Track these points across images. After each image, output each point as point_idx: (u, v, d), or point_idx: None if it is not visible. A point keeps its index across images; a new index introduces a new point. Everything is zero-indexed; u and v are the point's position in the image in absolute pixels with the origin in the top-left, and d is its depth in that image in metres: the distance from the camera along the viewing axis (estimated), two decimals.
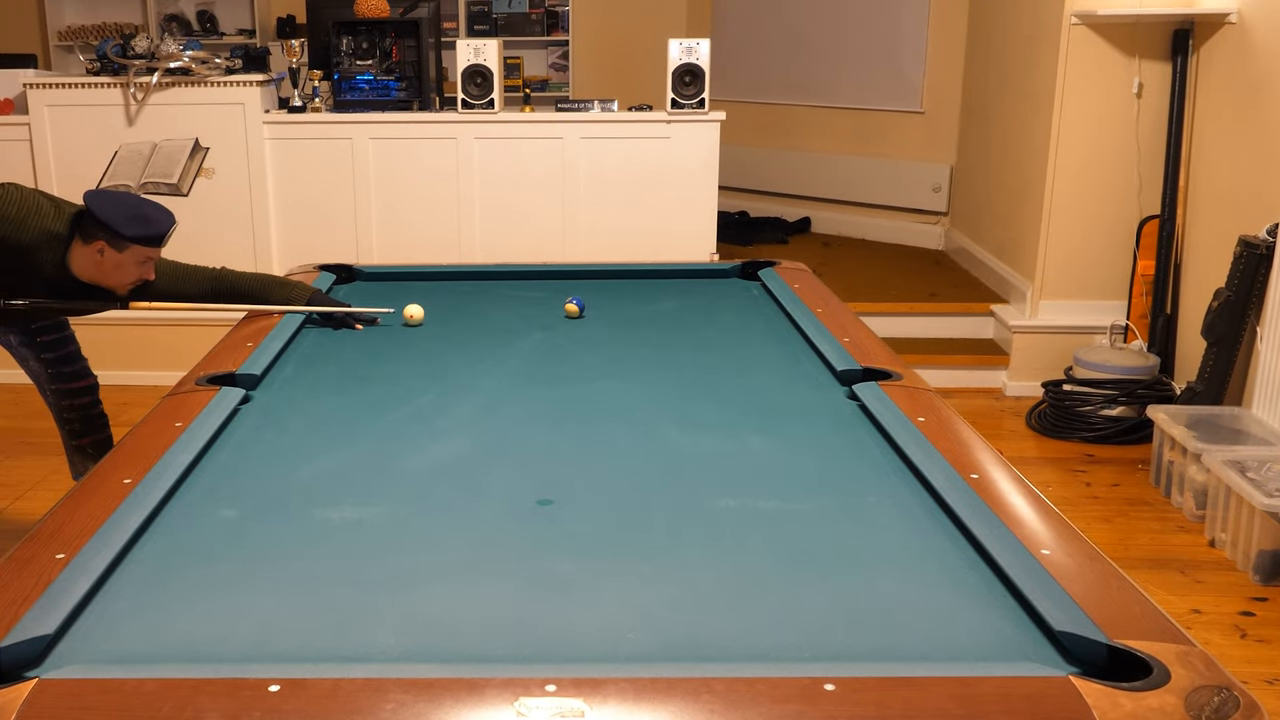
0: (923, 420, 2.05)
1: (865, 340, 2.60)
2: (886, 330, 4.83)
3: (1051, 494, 3.77)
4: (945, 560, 1.59)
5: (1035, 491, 1.78)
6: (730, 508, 1.78)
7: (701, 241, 4.79)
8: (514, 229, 4.83)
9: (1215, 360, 3.94)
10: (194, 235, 4.83)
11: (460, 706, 1.21)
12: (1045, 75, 4.74)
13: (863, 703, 1.22)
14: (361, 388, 2.40)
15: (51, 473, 3.98)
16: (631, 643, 1.38)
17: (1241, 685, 1.24)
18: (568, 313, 2.89)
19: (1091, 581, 1.47)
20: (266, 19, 7.31)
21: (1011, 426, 4.51)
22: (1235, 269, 3.85)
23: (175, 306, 2.90)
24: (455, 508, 1.79)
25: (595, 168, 4.79)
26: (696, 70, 4.65)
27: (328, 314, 2.84)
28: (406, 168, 4.81)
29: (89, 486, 1.80)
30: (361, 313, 2.85)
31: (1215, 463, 3.34)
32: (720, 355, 2.62)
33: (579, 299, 2.91)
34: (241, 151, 4.79)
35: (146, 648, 1.38)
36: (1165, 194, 4.51)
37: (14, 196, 2.69)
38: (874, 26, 6.63)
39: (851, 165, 6.79)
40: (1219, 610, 3.08)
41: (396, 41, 4.78)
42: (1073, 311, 4.81)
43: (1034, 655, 1.33)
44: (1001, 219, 5.43)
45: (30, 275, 2.74)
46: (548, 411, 2.24)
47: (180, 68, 4.71)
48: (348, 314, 2.83)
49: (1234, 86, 4.17)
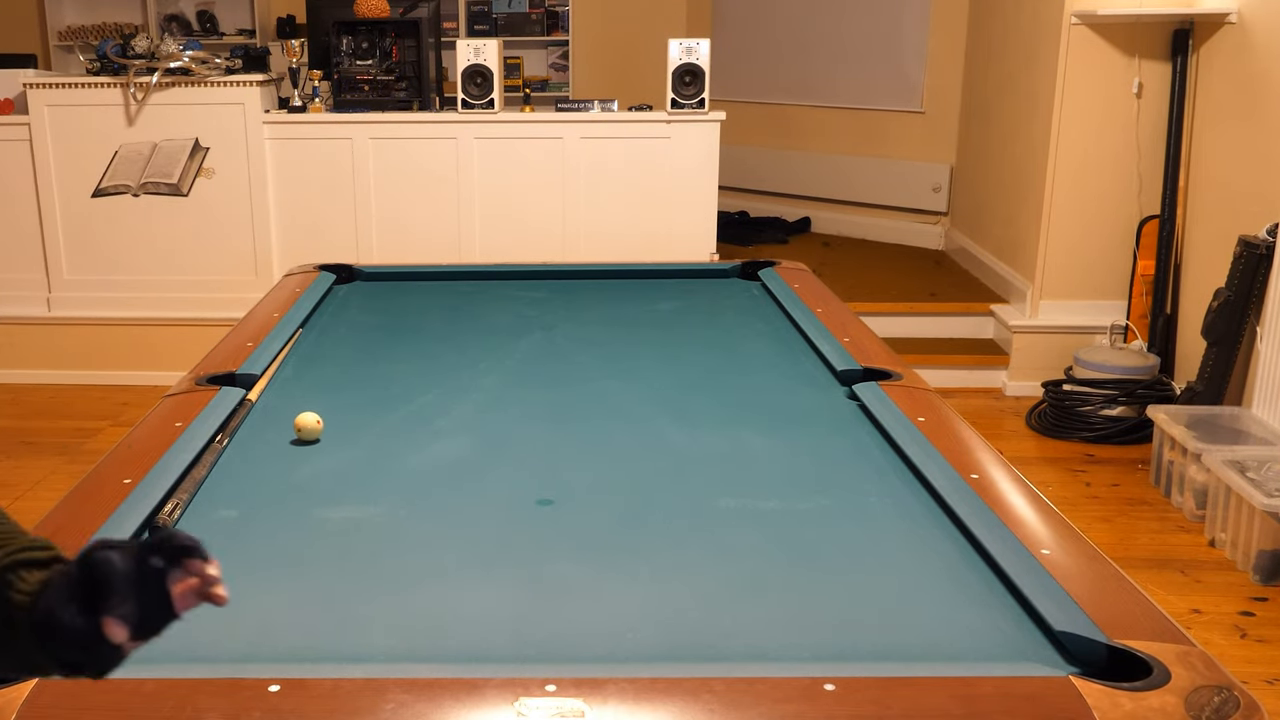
0: (923, 420, 2.05)
1: (865, 340, 2.60)
2: (886, 330, 4.82)
3: (1051, 494, 3.77)
4: (945, 560, 1.59)
5: (1035, 491, 1.78)
6: (730, 508, 1.78)
7: (701, 241, 4.79)
8: (514, 229, 4.83)
9: (1215, 360, 3.94)
10: (194, 235, 4.84)
11: (460, 706, 1.21)
12: (1045, 75, 4.74)
13: (863, 703, 1.22)
14: (361, 388, 2.40)
15: (51, 473, 3.98)
16: (631, 643, 1.38)
17: (1241, 685, 1.24)
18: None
19: (1091, 581, 1.47)
20: (266, 19, 7.30)
21: (1011, 426, 4.50)
22: (1235, 269, 3.85)
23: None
24: (455, 508, 1.79)
25: (595, 168, 4.79)
26: (696, 70, 4.65)
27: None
28: (406, 168, 4.81)
29: (89, 486, 1.80)
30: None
31: (1215, 463, 3.34)
32: (720, 355, 2.62)
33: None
34: (241, 151, 4.79)
35: (146, 648, 1.37)
36: (1165, 194, 4.51)
37: None
38: (874, 26, 6.63)
39: (851, 165, 6.79)
40: (1219, 610, 3.08)
41: (396, 41, 4.77)
42: (1073, 311, 4.81)
43: (1034, 655, 1.33)
44: (1001, 219, 5.42)
45: None
46: (548, 411, 2.24)
47: (180, 68, 4.71)
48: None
49: (1234, 86, 4.17)
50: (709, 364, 2.55)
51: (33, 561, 0.90)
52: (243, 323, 2.82)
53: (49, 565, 0.91)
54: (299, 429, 2.05)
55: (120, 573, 0.85)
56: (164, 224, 4.80)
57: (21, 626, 0.86)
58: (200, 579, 0.87)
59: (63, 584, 0.87)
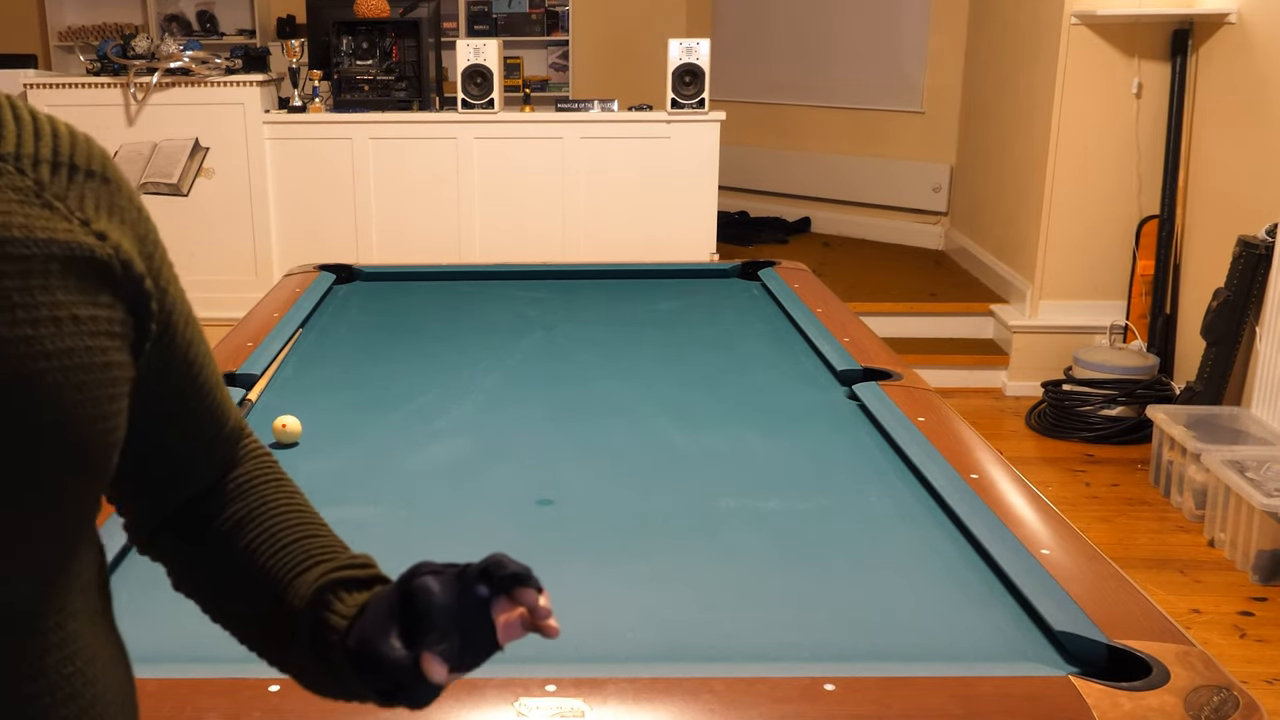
0: (923, 420, 2.05)
1: (865, 340, 2.60)
2: (886, 330, 4.82)
3: (1051, 494, 3.77)
4: (945, 560, 1.59)
5: (1035, 491, 1.78)
6: (730, 507, 1.78)
7: (701, 241, 4.79)
8: (514, 229, 4.83)
9: (1214, 360, 3.94)
10: (194, 236, 4.84)
11: (460, 706, 1.21)
12: (1045, 75, 4.74)
13: (863, 703, 1.22)
14: (361, 388, 2.40)
15: None
16: (631, 643, 1.38)
17: (1241, 685, 1.24)
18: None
19: (1091, 581, 1.47)
20: (266, 19, 7.30)
21: (1011, 426, 4.50)
22: (1234, 269, 3.85)
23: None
24: (455, 508, 1.79)
25: (595, 168, 4.79)
26: (696, 70, 4.65)
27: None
28: (406, 168, 4.81)
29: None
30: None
31: (1215, 463, 3.34)
32: (720, 355, 2.62)
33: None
34: (241, 151, 4.79)
35: (146, 648, 1.38)
36: (1165, 194, 4.51)
37: None
38: (874, 26, 6.63)
39: (851, 165, 6.79)
40: (1218, 610, 3.08)
41: (396, 41, 4.77)
42: (1072, 311, 4.81)
43: (1034, 655, 1.33)
44: (1001, 219, 5.43)
45: None
46: (548, 411, 2.24)
47: (180, 68, 4.71)
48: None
49: (1233, 86, 4.17)
50: (709, 364, 2.55)
51: (353, 581, 0.84)
52: (243, 323, 2.82)
53: (370, 585, 0.85)
54: (281, 433, 2.02)
55: (440, 605, 0.77)
56: (164, 224, 4.71)
57: (336, 650, 0.80)
58: (530, 610, 0.78)
59: (382, 610, 0.80)
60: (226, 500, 0.89)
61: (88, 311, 0.70)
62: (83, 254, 0.71)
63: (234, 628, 0.90)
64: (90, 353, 0.70)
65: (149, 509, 0.89)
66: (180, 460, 0.87)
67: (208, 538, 0.88)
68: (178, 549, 0.90)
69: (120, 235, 0.75)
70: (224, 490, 0.90)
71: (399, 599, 0.79)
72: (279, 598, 0.84)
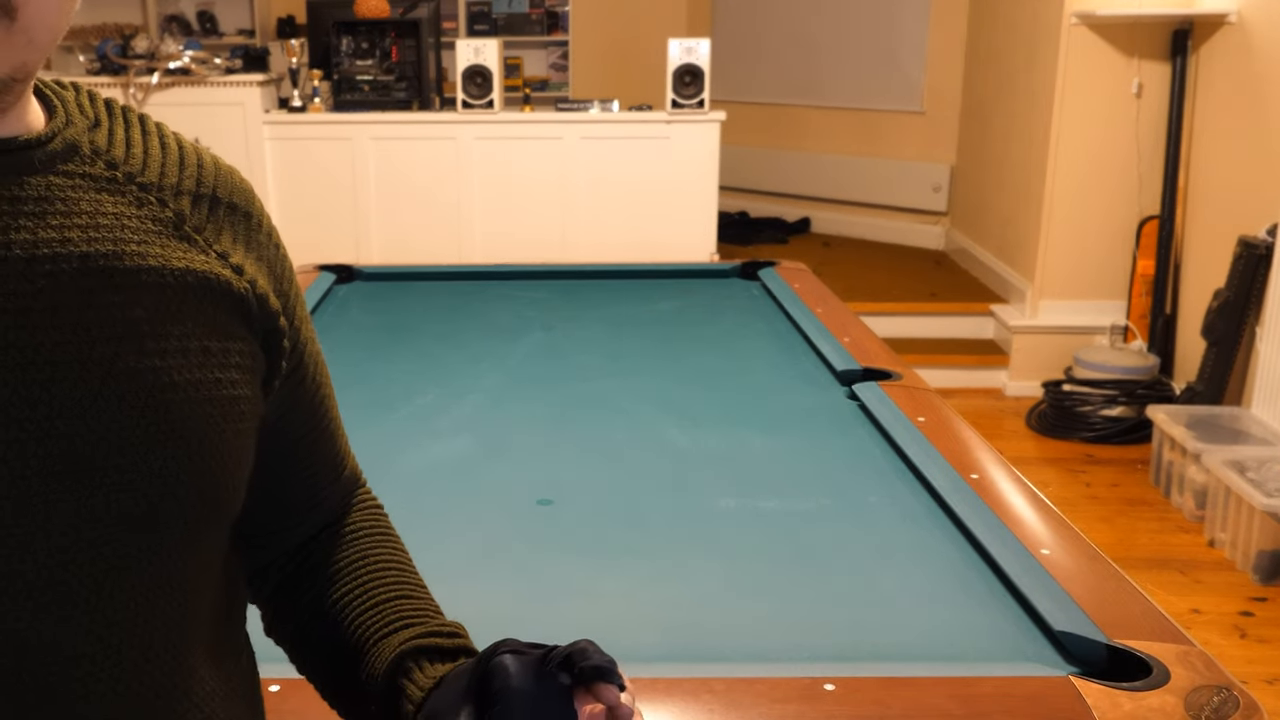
0: (923, 420, 2.05)
1: (865, 340, 2.60)
2: (886, 330, 4.83)
3: (1051, 494, 3.77)
4: (945, 560, 1.59)
5: (1035, 491, 1.78)
6: (730, 508, 1.78)
7: (701, 241, 4.79)
8: (514, 229, 4.83)
9: (1215, 360, 3.94)
10: None
11: None
12: (1045, 75, 4.74)
13: (863, 703, 1.22)
14: (361, 387, 2.40)
15: None
16: (631, 643, 1.38)
17: (1241, 685, 1.24)
18: None
19: (1091, 581, 1.47)
20: (266, 19, 7.30)
21: (1011, 426, 4.51)
22: (1235, 269, 3.85)
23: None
24: (455, 507, 1.79)
25: (595, 168, 4.79)
26: (696, 70, 4.65)
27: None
28: (406, 168, 4.81)
29: None
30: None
31: (1215, 463, 3.34)
32: (720, 355, 2.62)
33: None
34: (241, 151, 4.79)
35: None
36: (1165, 194, 4.51)
37: None
38: (874, 26, 6.63)
39: (851, 165, 6.79)
40: (1219, 610, 3.08)
41: (396, 41, 4.77)
42: (1072, 311, 4.81)
43: (1034, 655, 1.33)
44: (1001, 219, 5.43)
45: None
46: (548, 411, 2.24)
47: (180, 68, 4.71)
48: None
49: (1233, 86, 4.17)
50: (709, 364, 2.55)
51: (437, 650, 0.81)
52: None
53: (455, 656, 0.82)
54: None
55: (516, 689, 0.73)
56: None
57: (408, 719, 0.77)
58: (611, 709, 0.73)
59: (458, 687, 0.76)
60: (329, 549, 0.88)
61: (219, 344, 0.69)
62: (219, 286, 0.70)
63: (317, 680, 0.88)
64: (219, 385, 0.69)
65: (254, 550, 0.86)
66: (292, 504, 0.86)
67: (305, 585, 0.86)
68: (275, 595, 0.88)
69: (257, 271, 0.75)
70: (329, 539, 0.88)
71: (477, 676, 0.76)
72: (363, 657, 0.82)
